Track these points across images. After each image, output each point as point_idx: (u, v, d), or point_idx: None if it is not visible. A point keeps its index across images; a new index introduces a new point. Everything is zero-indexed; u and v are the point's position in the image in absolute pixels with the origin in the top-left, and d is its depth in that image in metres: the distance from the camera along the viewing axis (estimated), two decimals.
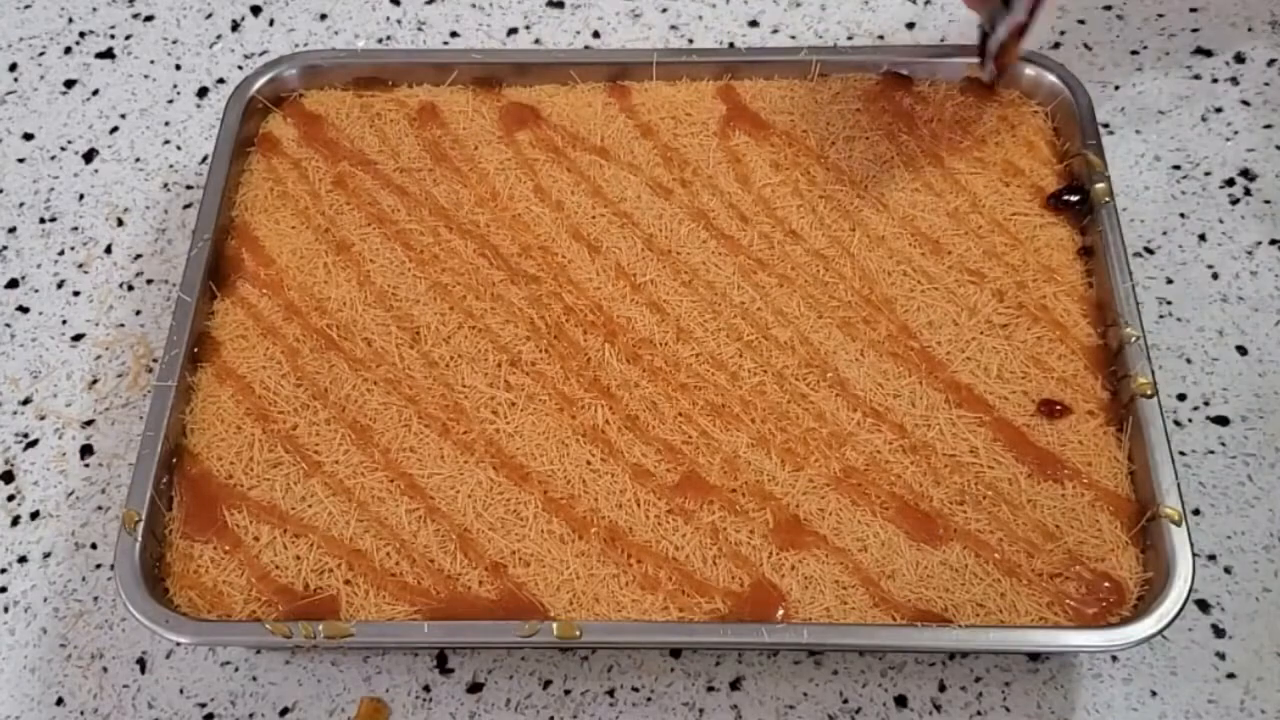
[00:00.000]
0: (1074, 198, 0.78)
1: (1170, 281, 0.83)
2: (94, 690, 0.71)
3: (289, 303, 0.77)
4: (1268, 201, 0.86)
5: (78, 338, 0.84)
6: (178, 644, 0.71)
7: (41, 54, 0.98)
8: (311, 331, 0.76)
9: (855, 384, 0.72)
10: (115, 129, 0.94)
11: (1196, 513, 0.74)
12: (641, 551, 0.67)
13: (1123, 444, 0.70)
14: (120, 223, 0.89)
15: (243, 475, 0.71)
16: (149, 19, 1.00)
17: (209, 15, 1.00)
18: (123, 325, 0.84)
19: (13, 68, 0.98)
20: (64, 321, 0.85)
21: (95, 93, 0.96)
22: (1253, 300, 0.82)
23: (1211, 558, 0.73)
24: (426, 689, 0.70)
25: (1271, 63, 0.93)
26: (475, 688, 0.70)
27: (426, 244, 0.79)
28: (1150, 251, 0.84)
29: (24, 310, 0.85)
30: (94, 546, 0.75)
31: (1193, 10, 0.96)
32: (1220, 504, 0.74)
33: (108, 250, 0.88)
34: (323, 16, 0.99)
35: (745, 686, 0.70)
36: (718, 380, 0.73)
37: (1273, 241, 0.84)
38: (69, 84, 0.97)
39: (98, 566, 0.75)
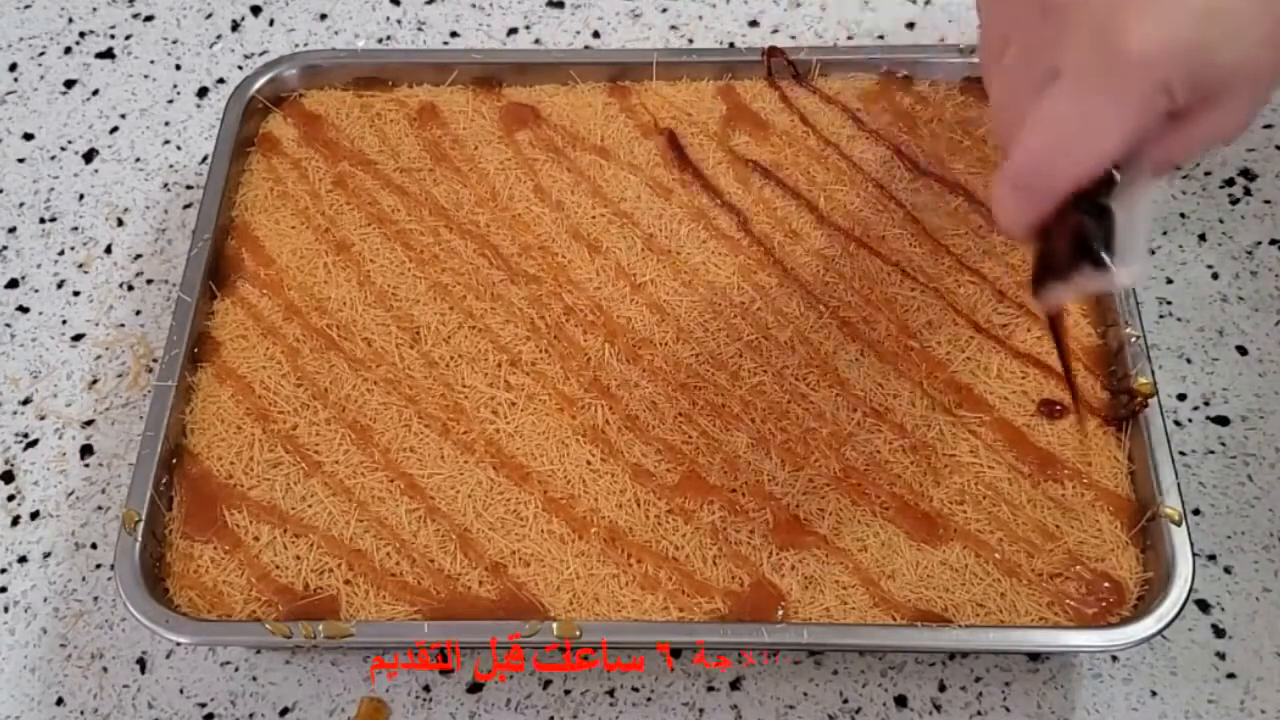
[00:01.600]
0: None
1: (1170, 281, 0.83)
2: (94, 690, 0.71)
3: (289, 303, 0.77)
4: (1268, 201, 0.86)
5: (78, 338, 0.84)
6: (178, 644, 0.71)
7: (41, 54, 0.98)
8: (311, 331, 0.75)
9: (855, 384, 0.72)
10: (115, 129, 0.94)
11: (1196, 513, 0.74)
12: (641, 551, 0.67)
13: (1123, 444, 0.70)
14: (120, 223, 0.89)
15: (243, 475, 0.71)
16: (149, 19, 1.00)
17: (209, 15, 1.00)
18: (123, 325, 0.84)
19: (13, 68, 0.98)
20: (64, 321, 0.85)
21: (95, 93, 0.96)
22: (1253, 300, 0.82)
23: (1211, 558, 0.72)
24: (426, 689, 0.70)
25: None
26: (475, 688, 0.70)
27: (426, 244, 0.79)
28: (1150, 251, 0.84)
29: (24, 310, 0.85)
30: (94, 546, 0.75)
31: None
32: (1220, 504, 0.74)
33: (108, 250, 0.88)
34: (323, 16, 0.99)
35: (745, 686, 0.70)
36: (718, 380, 0.73)
37: (1273, 241, 0.84)
38: (69, 84, 0.97)
39: (98, 566, 0.75)
